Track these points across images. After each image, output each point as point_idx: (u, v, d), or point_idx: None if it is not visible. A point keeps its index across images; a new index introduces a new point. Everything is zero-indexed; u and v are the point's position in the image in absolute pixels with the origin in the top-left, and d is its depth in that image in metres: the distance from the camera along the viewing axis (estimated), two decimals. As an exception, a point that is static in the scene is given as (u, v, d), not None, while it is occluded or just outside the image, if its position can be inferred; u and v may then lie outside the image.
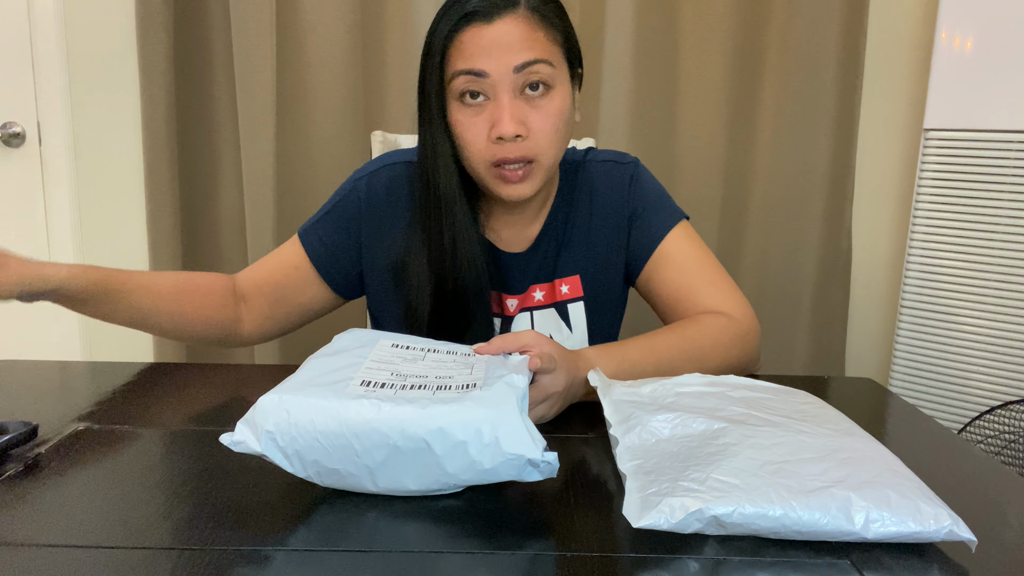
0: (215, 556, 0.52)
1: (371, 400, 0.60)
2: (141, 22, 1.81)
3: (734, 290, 0.99)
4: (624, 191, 1.02)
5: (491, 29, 0.85)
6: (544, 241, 1.01)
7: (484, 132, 0.87)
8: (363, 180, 0.99)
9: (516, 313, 1.01)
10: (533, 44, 0.86)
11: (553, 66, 0.88)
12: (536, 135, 0.88)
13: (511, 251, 1.01)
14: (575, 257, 1.02)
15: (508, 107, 0.86)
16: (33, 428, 0.70)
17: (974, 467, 0.73)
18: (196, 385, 0.91)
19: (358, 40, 1.82)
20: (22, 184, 2.00)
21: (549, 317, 1.01)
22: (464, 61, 0.86)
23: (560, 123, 0.89)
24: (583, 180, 1.03)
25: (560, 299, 1.02)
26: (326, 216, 1.00)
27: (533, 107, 0.87)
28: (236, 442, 0.60)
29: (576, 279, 1.02)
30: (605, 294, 1.03)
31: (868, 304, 2.00)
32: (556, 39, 0.89)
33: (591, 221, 1.02)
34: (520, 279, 1.01)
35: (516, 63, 0.85)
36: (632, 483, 0.58)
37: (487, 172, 0.90)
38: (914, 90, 1.88)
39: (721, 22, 1.80)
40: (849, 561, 0.54)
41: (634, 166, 1.04)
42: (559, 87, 0.89)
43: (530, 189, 0.91)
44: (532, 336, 0.76)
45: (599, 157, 1.05)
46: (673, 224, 1.01)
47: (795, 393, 0.76)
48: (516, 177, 0.89)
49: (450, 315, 0.94)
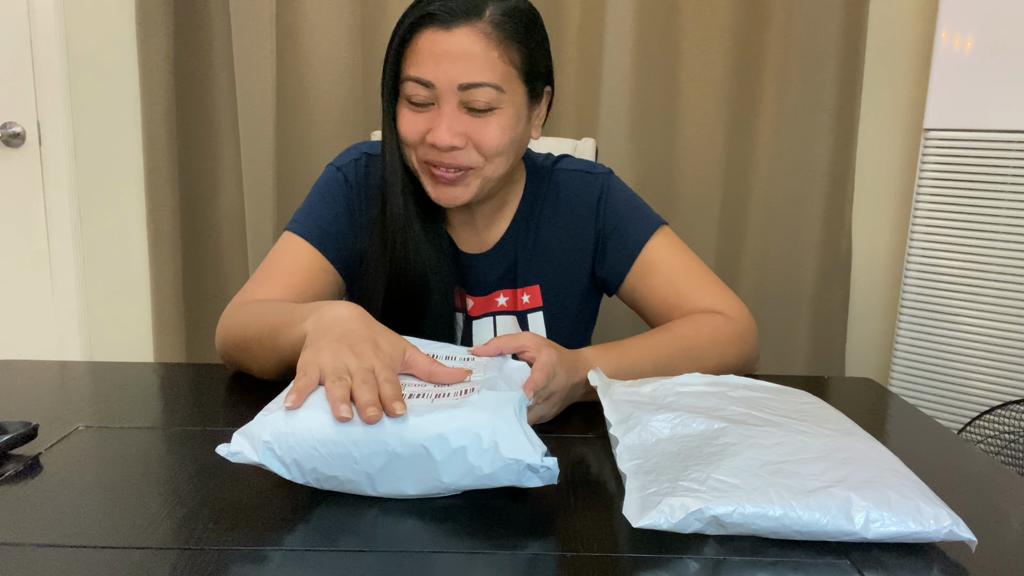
0: (215, 556, 0.52)
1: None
2: (141, 22, 1.81)
3: (725, 290, 0.99)
4: (593, 204, 1.00)
5: (447, 38, 0.84)
6: (505, 247, 1.01)
7: (421, 131, 0.87)
8: (341, 170, 0.99)
9: (478, 315, 1.01)
10: (484, 64, 0.85)
11: (501, 91, 0.86)
12: (476, 146, 0.87)
13: (471, 252, 1.00)
14: (536, 267, 1.01)
15: (447, 117, 0.85)
16: (33, 428, 0.70)
17: (974, 467, 0.73)
18: (196, 385, 0.91)
19: (358, 40, 1.82)
20: (22, 184, 2.00)
21: (510, 324, 1.01)
22: (415, 67, 0.86)
23: (503, 138, 0.88)
24: (550, 189, 1.02)
25: (522, 308, 1.01)
26: (317, 204, 0.98)
27: (476, 120, 0.87)
28: (233, 453, 0.59)
29: (536, 289, 1.01)
30: (565, 305, 1.02)
31: (868, 304, 2.00)
32: (513, 61, 0.87)
33: (556, 231, 1.01)
34: (480, 281, 1.01)
35: (462, 81, 0.84)
36: (632, 483, 0.58)
37: (420, 169, 0.91)
38: (914, 90, 1.88)
39: (721, 22, 1.80)
40: (849, 561, 0.54)
41: (605, 177, 1.02)
42: (505, 109, 0.87)
43: (462, 196, 0.90)
44: (529, 337, 0.76)
45: (569, 166, 1.03)
46: (651, 232, 0.99)
47: (795, 393, 0.76)
48: (447, 179, 0.89)
49: (403, 303, 0.93)
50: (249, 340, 0.85)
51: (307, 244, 0.96)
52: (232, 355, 0.91)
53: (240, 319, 0.88)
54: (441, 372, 0.67)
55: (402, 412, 0.59)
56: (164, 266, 1.91)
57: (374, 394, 0.60)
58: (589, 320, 1.09)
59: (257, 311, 0.86)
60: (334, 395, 0.60)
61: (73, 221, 2.02)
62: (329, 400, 0.60)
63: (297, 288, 0.93)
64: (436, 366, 0.67)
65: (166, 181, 1.87)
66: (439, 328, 0.95)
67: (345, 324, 0.69)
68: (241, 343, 0.87)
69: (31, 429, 0.70)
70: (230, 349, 0.90)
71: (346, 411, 0.58)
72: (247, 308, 0.89)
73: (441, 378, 0.67)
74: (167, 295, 1.92)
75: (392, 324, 0.76)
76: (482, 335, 1.01)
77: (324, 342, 0.66)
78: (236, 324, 0.89)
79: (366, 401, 0.59)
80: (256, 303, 0.89)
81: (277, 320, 0.80)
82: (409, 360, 0.68)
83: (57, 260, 2.03)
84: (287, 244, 0.97)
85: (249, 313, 0.87)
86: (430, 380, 0.67)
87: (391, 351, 0.67)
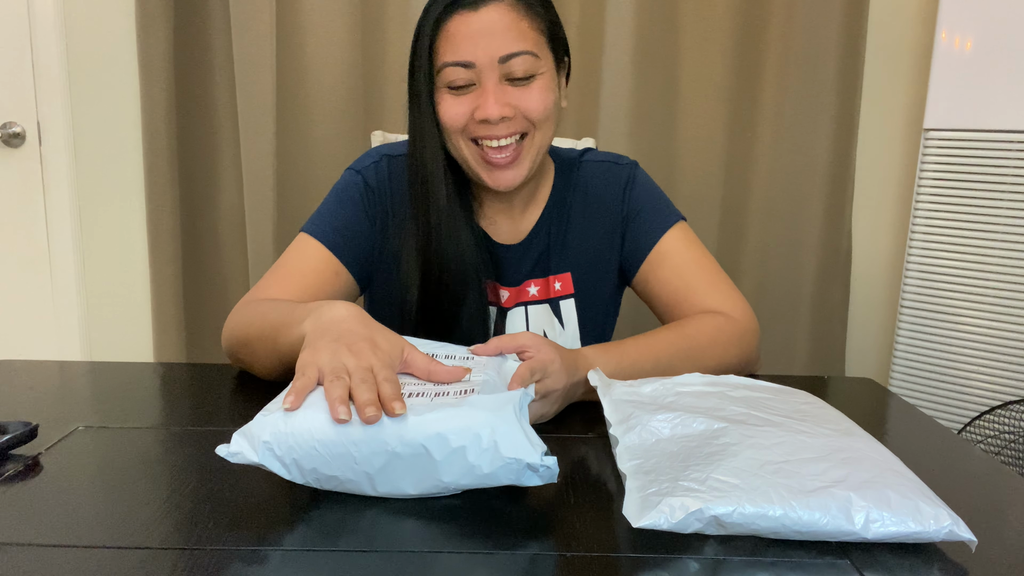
0: (215, 556, 0.52)
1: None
2: (141, 22, 1.81)
3: (732, 290, 0.99)
4: (620, 192, 1.02)
5: (477, 17, 0.87)
6: (538, 236, 1.01)
7: (467, 112, 0.89)
8: (361, 173, 0.99)
9: (511, 306, 1.01)
10: (518, 35, 0.88)
11: (538, 57, 0.89)
12: (525, 113, 0.89)
13: (505, 243, 1.01)
14: (568, 254, 1.02)
15: (493, 92, 0.88)
16: (33, 428, 0.70)
17: (974, 467, 0.73)
18: (196, 385, 0.91)
19: (358, 40, 1.82)
20: (22, 184, 2.00)
21: (542, 313, 1.02)
22: (451, 52, 0.88)
23: (548, 100, 0.90)
24: (579, 179, 1.03)
25: (554, 295, 1.02)
26: (334, 208, 0.98)
27: (518, 90, 0.89)
28: (232, 453, 0.59)
29: (568, 276, 1.02)
30: (596, 293, 1.04)
31: (868, 304, 2.00)
32: (540, 28, 0.91)
33: (585, 220, 1.02)
34: (514, 272, 1.01)
35: (501, 53, 0.87)
36: (632, 483, 0.58)
37: (472, 157, 0.91)
38: (914, 90, 1.88)
39: (721, 22, 1.80)
40: (849, 561, 0.54)
41: (632, 167, 1.04)
42: (545, 74, 0.91)
43: (517, 178, 0.91)
44: (529, 337, 0.76)
45: (596, 157, 1.06)
46: (670, 225, 1.01)
47: (795, 393, 0.76)
48: (504, 161, 0.90)
49: (440, 300, 0.93)
50: (251, 338, 0.85)
51: (321, 246, 0.95)
52: (235, 352, 0.91)
53: (244, 317, 0.88)
54: (440, 371, 0.67)
55: (401, 411, 0.59)
56: (164, 266, 1.91)
57: (373, 393, 0.60)
58: (615, 312, 1.10)
59: (261, 310, 0.86)
60: (333, 395, 0.60)
61: (73, 221, 2.02)
62: (328, 400, 0.60)
63: (309, 289, 0.93)
64: (435, 365, 0.67)
65: (166, 181, 1.87)
66: (474, 323, 0.95)
67: (343, 324, 0.69)
68: (244, 341, 0.87)
69: (31, 429, 0.70)
70: (234, 346, 0.91)
71: (344, 413, 0.58)
72: (253, 307, 0.89)
73: (440, 377, 0.67)
74: (167, 295, 1.92)
75: (428, 323, 0.75)
76: (514, 326, 1.01)
77: (322, 342, 0.66)
78: (241, 322, 0.89)
79: (365, 401, 0.59)
80: (262, 302, 0.89)
81: (277, 320, 0.80)
82: (408, 359, 0.68)
83: (57, 260, 2.03)
84: (301, 245, 0.97)
85: (254, 311, 0.87)
86: (429, 379, 0.67)
87: (389, 350, 0.67)
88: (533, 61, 0.89)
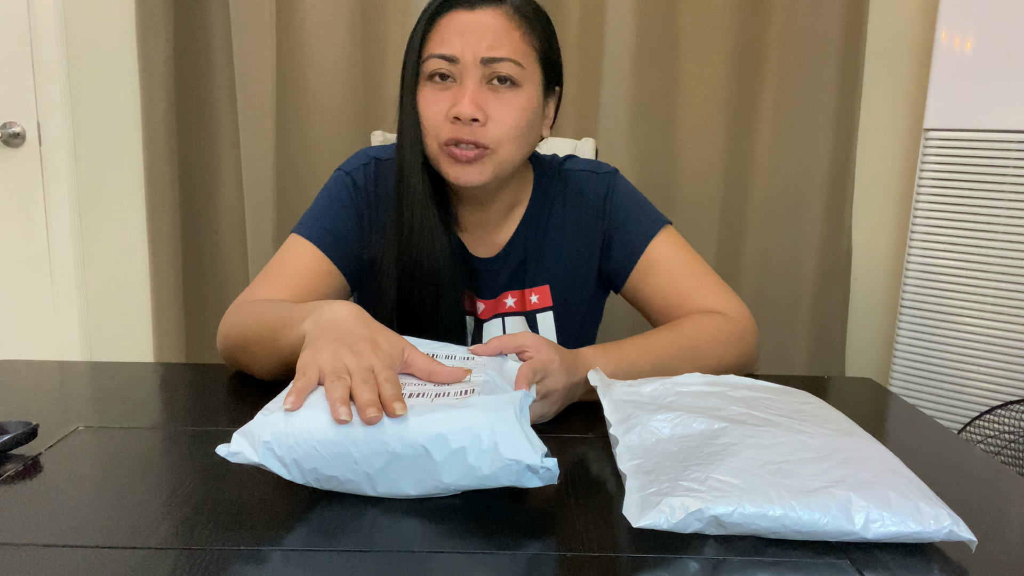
0: (215, 556, 0.52)
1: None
2: (141, 22, 1.81)
3: (727, 290, 0.99)
4: (599, 203, 1.01)
5: (471, 16, 0.88)
6: (515, 248, 1.01)
7: (443, 110, 0.88)
8: (350, 175, 0.99)
9: (488, 317, 1.01)
10: (507, 41, 0.88)
11: (523, 68, 0.89)
12: (495, 124, 0.88)
13: (481, 255, 1.01)
14: (546, 267, 1.01)
15: (471, 91, 0.87)
16: (33, 428, 0.70)
17: (974, 467, 0.73)
18: (196, 385, 0.91)
19: (358, 40, 1.82)
20: (22, 184, 2.00)
21: (519, 325, 1.01)
22: (438, 45, 0.88)
23: (521, 119, 0.90)
24: (558, 189, 1.03)
25: (530, 308, 1.02)
26: (325, 209, 0.98)
27: (497, 97, 0.89)
28: (232, 453, 0.59)
29: (546, 289, 1.02)
30: (575, 305, 1.03)
31: (868, 304, 2.00)
32: (533, 44, 0.90)
33: (564, 231, 1.02)
34: (491, 284, 1.01)
35: (485, 55, 0.87)
36: (632, 483, 0.58)
37: (439, 151, 0.90)
38: (914, 90, 1.88)
39: (721, 22, 1.80)
40: (849, 561, 0.54)
41: (611, 176, 1.03)
42: (526, 87, 0.90)
43: (480, 176, 0.90)
44: (529, 337, 0.76)
45: (576, 167, 1.04)
46: (656, 231, 1.00)
47: (795, 393, 0.76)
48: (465, 157, 0.89)
49: (415, 308, 0.93)
50: (249, 340, 0.85)
51: (312, 246, 0.95)
52: (233, 355, 0.91)
53: (240, 319, 0.88)
54: (440, 371, 0.67)
55: (402, 412, 0.58)
56: (164, 266, 1.91)
57: (374, 394, 0.60)
58: (596, 319, 1.09)
59: (257, 311, 0.86)
60: (333, 395, 0.60)
61: (73, 221, 2.02)
62: (328, 400, 0.60)
63: (301, 289, 0.93)
64: (435, 365, 0.67)
65: (166, 181, 1.87)
66: (450, 333, 0.95)
67: (344, 324, 0.69)
68: (241, 343, 0.87)
69: (31, 429, 0.70)
70: (231, 348, 0.90)
71: (345, 413, 0.58)
72: (248, 308, 0.89)
73: (440, 377, 0.67)
74: (167, 295, 1.92)
75: (403, 328, 0.75)
76: (491, 337, 1.00)
77: (323, 342, 0.66)
78: (237, 324, 0.89)
79: (366, 401, 0.59)
80: (257, 303, 0.89)
81: (276, 320, 0.80)
82: (408, 359, 0.68)
83: (57, 260, 2.03)
84: (292, 246, 0.97)
85: (250, 313, 0.87)
86: (429, 379, 0.67)
87: (390, 350, 0.67)
88: (517, 71, 0.88)
